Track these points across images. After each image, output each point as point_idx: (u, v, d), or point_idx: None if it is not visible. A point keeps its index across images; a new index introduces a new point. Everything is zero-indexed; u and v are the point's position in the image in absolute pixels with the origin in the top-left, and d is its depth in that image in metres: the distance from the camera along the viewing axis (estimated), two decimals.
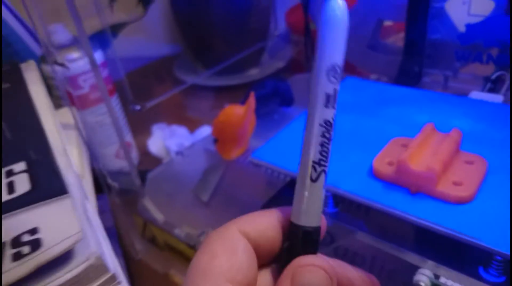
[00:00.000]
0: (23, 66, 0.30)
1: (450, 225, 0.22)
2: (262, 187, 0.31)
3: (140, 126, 0.54)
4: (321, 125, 0.15)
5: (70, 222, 0.15)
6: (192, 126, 0.50)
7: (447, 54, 0.39)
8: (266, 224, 0.17)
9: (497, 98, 0.33)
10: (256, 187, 0.33)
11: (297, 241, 0.16)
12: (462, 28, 0.38)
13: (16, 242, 0.14)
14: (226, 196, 0.34)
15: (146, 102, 0.35)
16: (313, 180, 0.15)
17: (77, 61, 0.42)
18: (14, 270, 0.13)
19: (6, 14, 0.48)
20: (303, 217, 0.16)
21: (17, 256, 0.14)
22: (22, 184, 0.18)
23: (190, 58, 0.72)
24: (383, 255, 0.23)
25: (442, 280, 0.18)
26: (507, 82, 0.35)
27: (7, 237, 0.15)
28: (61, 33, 0.42)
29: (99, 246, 0.15)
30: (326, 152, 0.15)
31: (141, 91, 0.67)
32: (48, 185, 0.17)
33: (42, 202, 0.16)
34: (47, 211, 0.16)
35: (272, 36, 0.61)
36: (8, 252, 0.14)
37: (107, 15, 0.60)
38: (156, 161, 0.49)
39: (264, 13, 0.63)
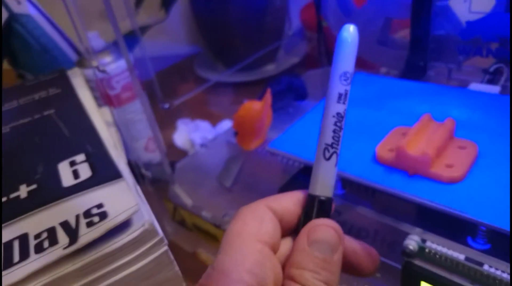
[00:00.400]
0: (70, 73, 0.34)
1: (442, 202, 0.26)
2: (278, 174, 0.35)
3: (166, 121, 0.59)
4: (333, 117, 0.20)
5: (127, 198, 0.19)
6: (214, 121, 0.54)
7: (451, 49, 0.42)
8: (288, 201, 0.21)
9: (495, 89, 0.36)
10: (273, 174, 0.36)
11: (312, 209, 0.20)
12: (464, 24, 0.41)
13: (87, 214, 0.19)
14: (246, 182, 0.38)
15: (173, 100, 0.40)
16: (327, 159, 0.20)
17: (110, 64, 0.46)
18: (89, 234, 0.18)
19: (44, 23, 0.53)
20: (318, 188, 0.20)
21: (90, 224, 0.18)
22: (85, 171, 0.22)
23: (211, 57, 0.76)
24: (384, 228, 0.26)
25: (428, 244, 0.22)
26: (505, 74, 0.37)
27: (80, 210, 0.19)
28: (95, 40, 0.46)
29: (150, 216, 0.19)
30: (338, 138, 0.20)
31: (167, 90, 0.72)
32: (105, 171, 0.21)
33: (103, 185, 0.20)
34: (108, 191, 0.20)
35: (287, 34, 0.64)
36: (83, 221, 0.18)
37: (132, 19, 0.64)
38: (181, 153, 0.53)
39: (279, 12, 0.66)
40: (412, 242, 0.21)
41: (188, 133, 0.48)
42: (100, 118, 0.28)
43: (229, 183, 0.38)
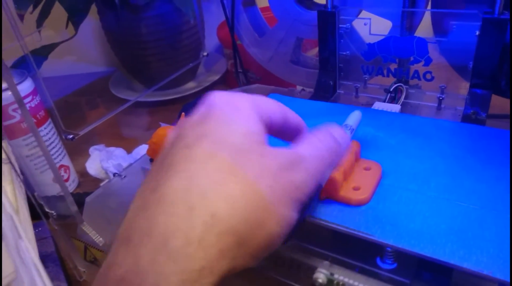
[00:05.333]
0: None
1: (351, 225, 0.26)
2: None
3: (79, 147, 0.55)
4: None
5: (4, 264, 0.17)
6: (130, 146, 0.52)
7: (357, 68, 0.44)
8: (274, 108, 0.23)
9: (396, 107, 0.38)
10: None
11: None
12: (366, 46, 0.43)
13: None
14: None
15: (79, 130, 0.37)
16: None
17: (5, 91, 0.42)
18: None
19: None
20: None
21: None
22: None
23: (127, 76, 0.72)
24: (295, 260, 0.26)
25: (336, 276, 0.22)
26: (404, 93, 0.40)
27: None
28: None
29: (33, 284, 0.17)
30: None
31: (78, 114, 0.67)
32: None
33: None
34: None
35: (205, 51, 0.63)
36: None
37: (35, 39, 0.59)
38: (96, 182, 0.50)
39: (194, 30, 0.66)
40: (321, 276, 0.21)
41: (101, 162, 0.45)
42: None
43: None
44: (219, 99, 0.21)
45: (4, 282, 0.16)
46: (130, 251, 0.17)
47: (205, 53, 0.55)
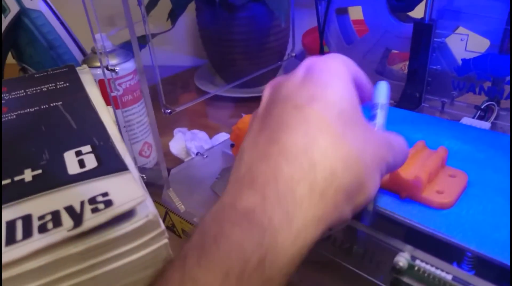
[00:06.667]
0: (78, 69, 0.35)
1: (431, 226, 0.26)
2: None
3: (162, 129, 0.59)
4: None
5: (133, 189, 0.19)
6: (211, 132, 0.55)
7: (446, 83, 0.44)
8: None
9: (485, 125, 0.38)
10: None
11: None
12: (460, 61, 0.43)
13: (93, 201, 0.19)
14: None
15: (175, 107, 0.40)
16: None
17: (116, 66, 0.47)
18: (94, 219, 0.18)
19: (53, 20, 0.54)
20: None
21: (95, 210, 0.18)
22: (90, 162, 0.22)
23: (212, 71, 0.77)
24: (374, 245, 0.27)
25: (417, 262, 0.22)
26: (495, 112, 0.39)
27: (85, 197, 0.19)
28: (105, 42, 0.47)
29: (153, 209, 0.20)
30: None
31: (166, 99, 0.72)
32: (112, 163, 0.22)
33: (108, 175, 0.21)
34: (114, 181, 0.20)
35: (289, 55, 0.66)
36: (88, 207, 0.19)
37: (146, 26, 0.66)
38: (176, 161, 0.53)
39: (283, 33, 0.68)
40: (402, 259, 0.22)
41: (185, 142, 0.49)
42: (107, 115, 0.28)
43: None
44: (317, 63, 0.24)
45: (135, 201, 0.19)
46: (258, 190, 0.19)
47: (293, 54, 0.58)
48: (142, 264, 0.19)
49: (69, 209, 0.19)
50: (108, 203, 0.19)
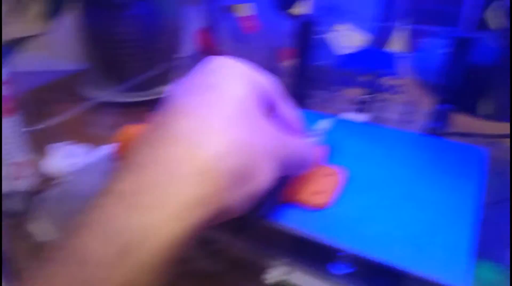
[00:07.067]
0: None
1: (307, 228, 0.26)
2: None
3: (41, 146, 0.53)
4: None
5: None
6: (98, 144, 0.50)
7: (327, 79, 0.45)
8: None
9: (363, 117, 0.38)
10: None
11: None
12: (340, 57, 0.44)
13: None
14: None
15: (40, 124, 0.35)
16: None
17: None
18: None
19: None
20: None
21: None
22: None
23: (98, 75, 0.71)
24: (247, 260, 0.26)
25: (290, 276, 0.21)
26: (371, 105, 0.40)
27: None
28: None
29: None
30: None
31: (42, 109, 0.65)
32: None
33: None
34: None
35: (181, 55, 0.63)
36: None
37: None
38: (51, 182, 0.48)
39: (173, 33, 0.65)
40: (275, 274, 0.21)
41: (59, 160, 0.44)
42: None
43: None
44: (215, 61, 0.23)
45: None
46: (133, 171, 0.19)
47: (185, 54, 0.55)
48: None
49: None
50: None
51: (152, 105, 0.23)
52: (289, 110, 0.26)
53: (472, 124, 0.39)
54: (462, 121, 0.40)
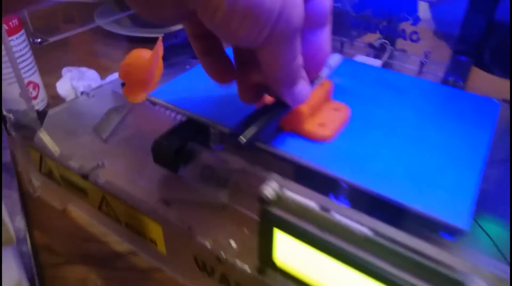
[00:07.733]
0: None
1: (311, 159, 0.26)
2: (159, 127, 0.33)
3: (51, 69, 0.53)
4: None
5: None
6: (105, 73, 0.50)
7: (345, 23, 0.43)
8: None
9: (377, 62, 0.38)
10: (154, 127, 0.34)
11: None
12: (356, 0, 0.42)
13: None
14: (125, 135, 0.35)
15: (47, 36, 0.35)
16: None
17: None
18: None
19: None
20: None
21: None
22: None
23: (114, 6, 0.70)
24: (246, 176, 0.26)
25: (285, 191, 0.21)
26: (388, 51, 0.39)
27: None
28: None
29: None
30: None
31: (53, 25, 0.64)
32: None
33: None
34: None
35: None
36: None
37: None
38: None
39: None
40: (269, 189, 0.21)
41: (71, 81, 0.44)
42: None
43: (106, 134, 0.35)
44: None
45: None
46: None
47: None
48: None
49: None
50: None
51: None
52: None
53: (488, 78, 0.38)
54: (478, 75, 0.39)
